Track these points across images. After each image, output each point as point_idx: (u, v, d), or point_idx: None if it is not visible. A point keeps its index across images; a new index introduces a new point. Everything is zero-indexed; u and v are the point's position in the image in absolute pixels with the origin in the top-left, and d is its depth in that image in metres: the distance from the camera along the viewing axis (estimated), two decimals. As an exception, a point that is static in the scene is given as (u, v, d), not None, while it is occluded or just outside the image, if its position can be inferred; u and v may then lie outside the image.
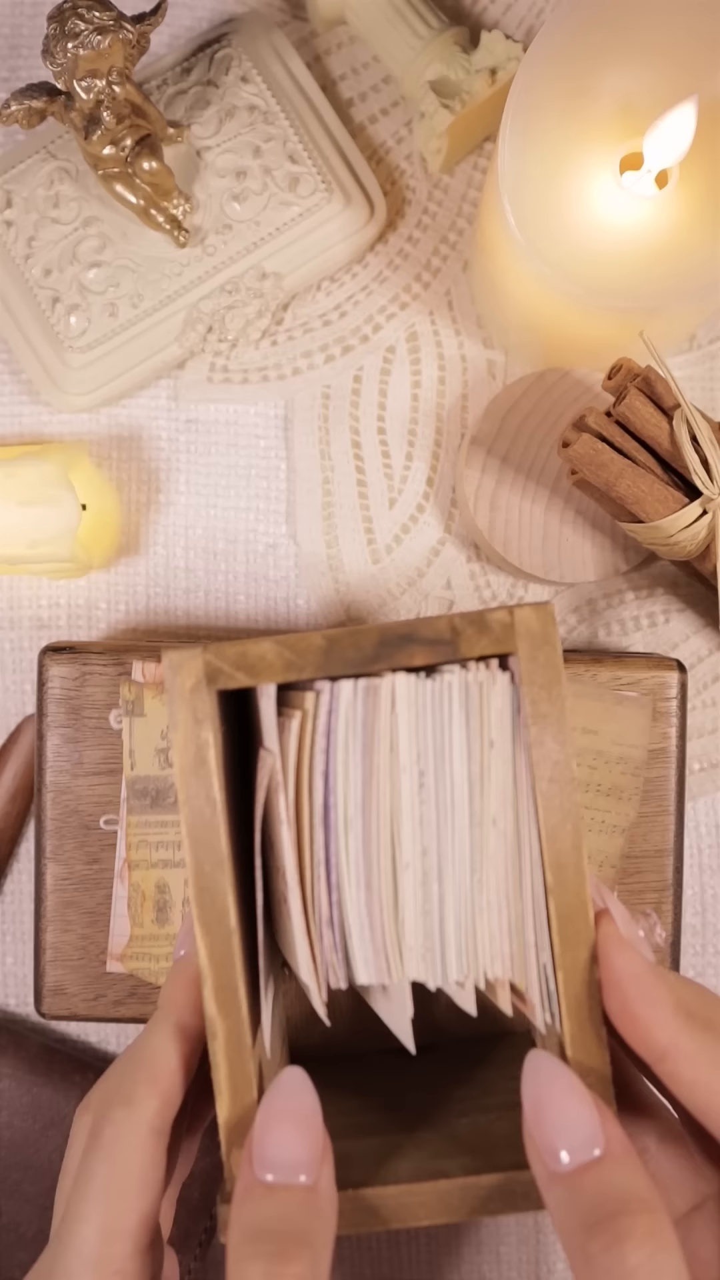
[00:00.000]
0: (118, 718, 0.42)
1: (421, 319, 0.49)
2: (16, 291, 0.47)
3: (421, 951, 0.29)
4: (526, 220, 0.39)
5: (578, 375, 0.46)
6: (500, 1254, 0.47)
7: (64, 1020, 0.43)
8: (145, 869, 0.42)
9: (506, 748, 0.29)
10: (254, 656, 0.29)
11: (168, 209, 0.45)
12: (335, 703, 0.29)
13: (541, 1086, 0.26)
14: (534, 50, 0.38)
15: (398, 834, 0.29)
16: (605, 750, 0.42)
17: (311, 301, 0.49)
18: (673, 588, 0.48)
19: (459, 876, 0.29)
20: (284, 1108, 0.26)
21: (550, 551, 0.46)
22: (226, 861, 0.28)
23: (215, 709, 0.29)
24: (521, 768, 0.29)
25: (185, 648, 0.29)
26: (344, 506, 0.48)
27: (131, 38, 0.41)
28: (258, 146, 0.46)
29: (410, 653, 0.29)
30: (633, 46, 0.39)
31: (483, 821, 0.29)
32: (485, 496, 0.46)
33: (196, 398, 0.49)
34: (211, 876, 0.28)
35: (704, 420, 0.41)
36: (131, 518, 0.48)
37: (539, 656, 0.28)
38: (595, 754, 0.42)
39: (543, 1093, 0.26)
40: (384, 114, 0.49)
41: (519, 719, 0.29)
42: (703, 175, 0.40)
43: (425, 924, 0.29)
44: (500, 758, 0.29)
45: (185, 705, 0.28)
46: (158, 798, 0.42)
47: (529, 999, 0.30)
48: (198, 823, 0.28)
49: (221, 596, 0.48)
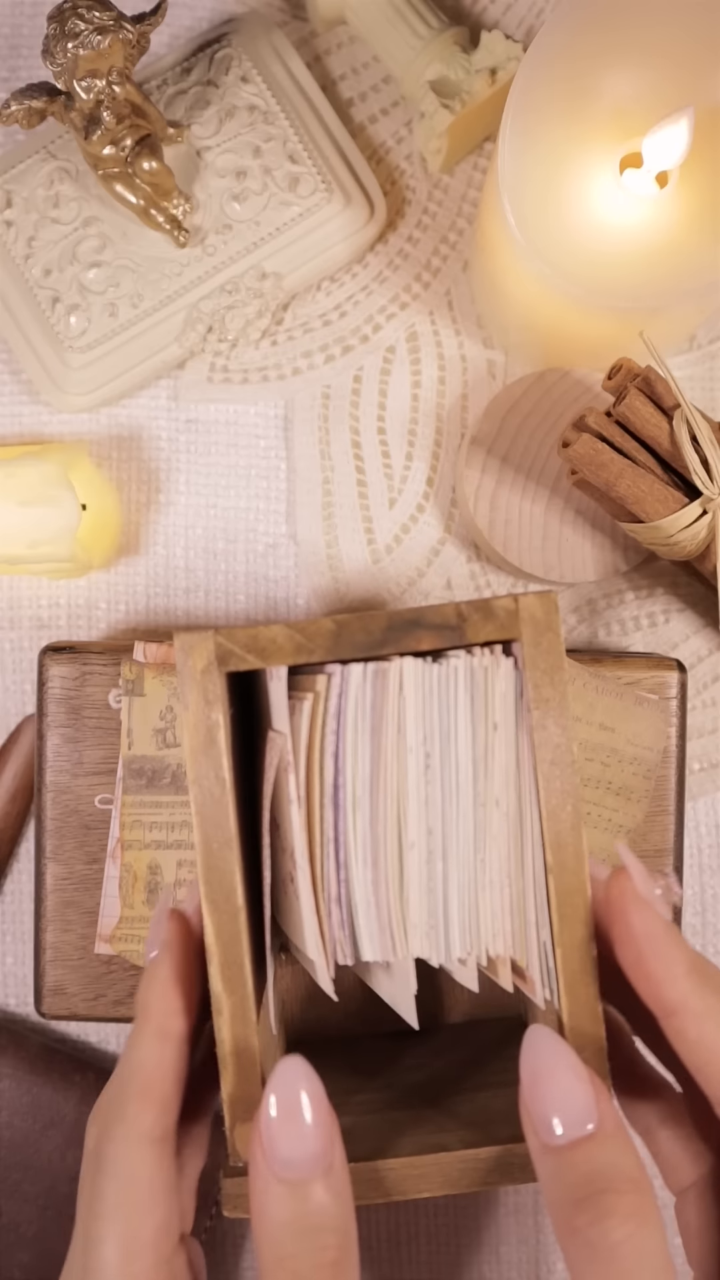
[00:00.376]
0: (116, 697, 0.43)
1: (421, 319, 0.49)
2: (16, 291, 0.47)
3: (426, 929, 0.30)
4: (526, 220, 0.39)
5: (578, 375, 0.46)
6: (500, 1254, 0.47)
7: (64, 1020, 0.43)
8: (138, 849, 0.42)
9: (510, 731, 0.30)
10: (265, 639, 0.29)
11: (168, 209, 0.45)
12: (345, 685, 0.29)
13: (540, 1060, 0.27)
14: (534, 50, 0.38)
15: (404, 814, 0.29)
16: (620, 749, 0.42)
17: (311, 301, 0.49)
18: (673, 588, 0.48)
19: (462, 856, 0.30)
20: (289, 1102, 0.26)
21: (550, 551, 0.46)
22: (234, 840, 0.29)
23: (225, 691, 0.29)
24: (524, 750, 0.30)
25: (196, 630, 0.29)
26: (344, 506, 0.48)
27: (131, 38, 0.41)
28: (258, 146, 0.46)
29: (417, 637, 0.29)
30: (633, 47, 0.39)
31: (486, 802, 0.30)
32: (485, 496, 0.46)
33: (196, 398, 0.49)
34: (220, 855, 0.29)
35: (704, 420, 0.41)
36: (131, 518, 0.48)
37: (542, 643, 0.29)
38: (610, 751, 0.42)
39: (540, 1066, 0.27)
40: (384, 114, 0.49)
41: (522, 703, 0.30)
42: (703, 175, 0.40)
43: (429, 902, 0.30)
44: (504, 740, 0.30)
45: (196, 686, 0.29)
46: (154, 778, 0.42)
47: (529, 976, 0.30)
48: (207, 802, 0.29)
49: (221, 596, 0.49)
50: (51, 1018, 0.43)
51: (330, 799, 0.29)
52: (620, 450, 0.42)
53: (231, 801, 0.29)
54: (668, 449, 0.41)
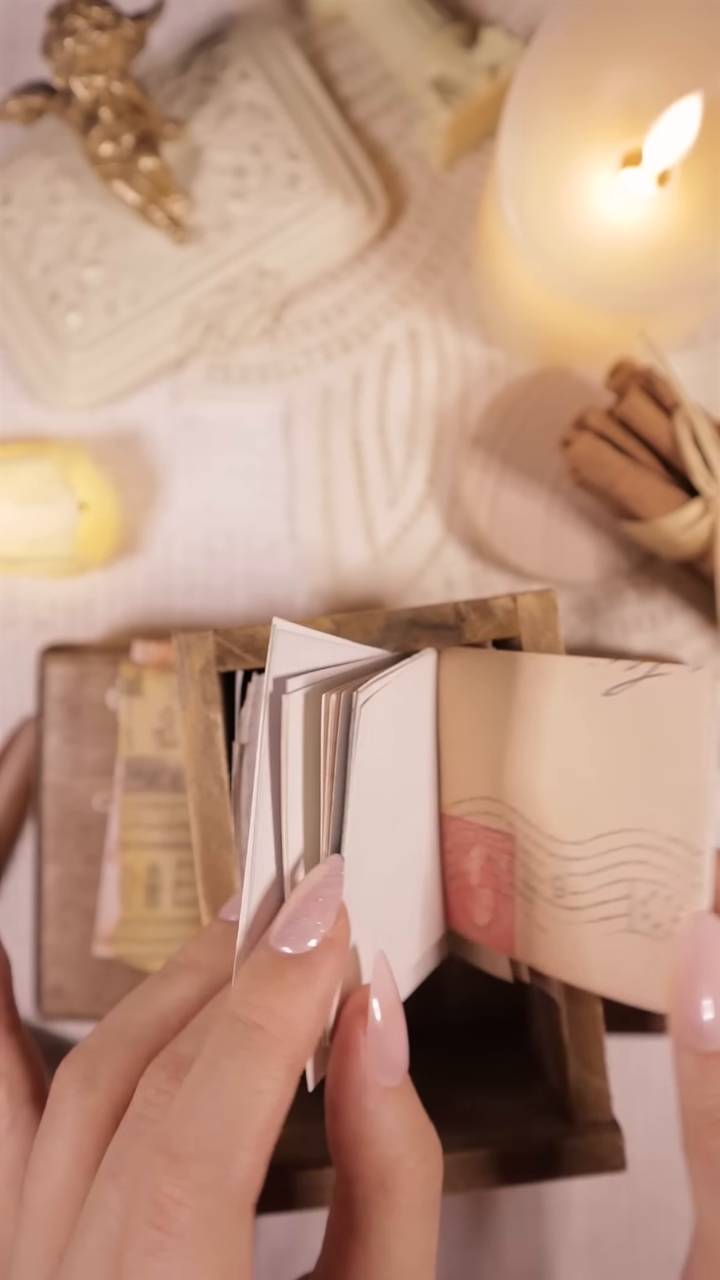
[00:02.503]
0: (115, 697, 0.42)
1: (422, 317, 0.49)
2: (15, 289, 0.47)
3: None
4: (527, 218, 0.39)
5: (578, 374, 0.46)
6: (500, 1256, 0.47)
7: (64, 1020, 0.43)
8: (138, 850, 0.42)
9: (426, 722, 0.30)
10: (263, 639, 0.29)
11: (167, 206, 0.45)
12: (258, 696, 0.29)
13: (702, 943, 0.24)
14: (534, 47, 0.38)
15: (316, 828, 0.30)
16: None
17: (311, 299, 0.49)
18: (674, 587, 0.48)
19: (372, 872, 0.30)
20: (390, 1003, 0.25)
21: (551, 551, 0.46)
22: (233, 840, 0.29)
23: (222, 690, 0.29)
24: None
25: (195, 630, 0.29)
26: (344, 506, 0.48)
27: (130, 35, 0.41)
28: (257, 144, 0.46)
29: (415, 637, 0.29)
30: (634, 44, 0.39)
31: (398, 816, 0.29)
32: (485, 496, 0.46)
33: (196, 396, 0.48)
34: (218, 855, 0.29)
35: (705, 419, 0.41)
36: (131, 517, 0.48)
37: (541, 642, 0.29)
38: None
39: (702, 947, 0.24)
40: (384, 111, 0.49)
41: None
42: (704, 173, 0.40)
43: None
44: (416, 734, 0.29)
45: (195, 686, 0.29)
46: (153, 778, 0.42)
47: None
48: (205, 801, 0.29)
49: (221, 596, 0.48)
50: (51, 1018, 0.43)
51: (245, 810, 0.29)
52: (621, 449, 0.42)
53: (229, 801, 0.29)
54: (669, 448, 0.41)
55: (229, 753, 0.30)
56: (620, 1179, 0.47)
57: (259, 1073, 0.22)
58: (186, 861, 0.42)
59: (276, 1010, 0.23)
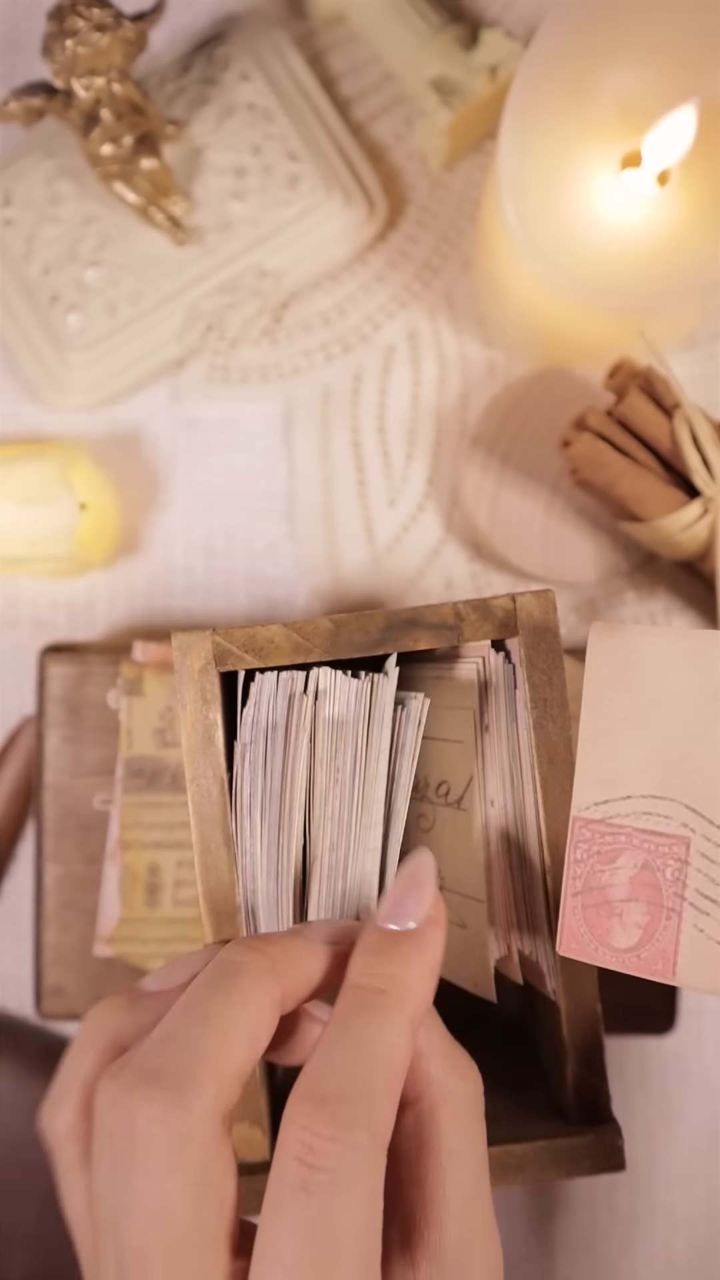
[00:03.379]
0: (115, 697, 0.42)
1: (422, 318, 0.49)
2: (15, 290, 0.47)
3: None
4: (527, 219, 0.39)
5: (578, 375, 0.46)
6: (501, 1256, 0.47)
7: (64, 1020, 0.43)
8: (138, 850, 0.42)
9: (501, 729, 0.30)
10: (262, 639, 0.29)
11: (167, 207, 0.45)
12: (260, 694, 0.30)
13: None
14: (534, 48, 0.38)
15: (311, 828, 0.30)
16: None
17: (311, 300, 0.49)
18: (674, 587, 0.48)
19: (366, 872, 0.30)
20: None
21: (551, 551, 0.46)
22: (232, 839, 0.29)
23: (221, 690, 0.29)
24: (520, 748, 0.30)
25: (194, 630, 0.29)
26: (344, 506, 0.48)
27: (130, 35, 0.41)
28: (257, 144, 0.46)
29: (415, 637, 0.29)
30: (633, 45, 0.39)
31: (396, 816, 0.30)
32: (485, 496, 0.46)
33: (196, 397, 0.49)
34: (217, 854, 0.29)
35: (705, 419, 0.41)
36: (131, 517, 0.48)
37: (540, 643, 0.29)
38: None
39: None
40: (384, 112, 0.49)
41: (515, 700, 0.30)
42: (703, 174, 0.40)
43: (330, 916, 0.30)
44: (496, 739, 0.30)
45: (194, 686, 0.29)
46: (154, 778, 0.42)
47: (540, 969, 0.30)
48: (205, 801, 0.29)
49: (221, 596, 0.48)
50: (51, 1018, 0.43)
51: (245, 809, 0.30)
52: (621, 449, 0.42)
53: (228, 801, 0.29)
54: (668, 448, 0.41)
55: (229, 752, 0.30)
56: (620, 1179, 0.47)
57: (388, 1029, 0.25)
58: (187, 861, 0.42)
59: (397, 976, 0.26)
